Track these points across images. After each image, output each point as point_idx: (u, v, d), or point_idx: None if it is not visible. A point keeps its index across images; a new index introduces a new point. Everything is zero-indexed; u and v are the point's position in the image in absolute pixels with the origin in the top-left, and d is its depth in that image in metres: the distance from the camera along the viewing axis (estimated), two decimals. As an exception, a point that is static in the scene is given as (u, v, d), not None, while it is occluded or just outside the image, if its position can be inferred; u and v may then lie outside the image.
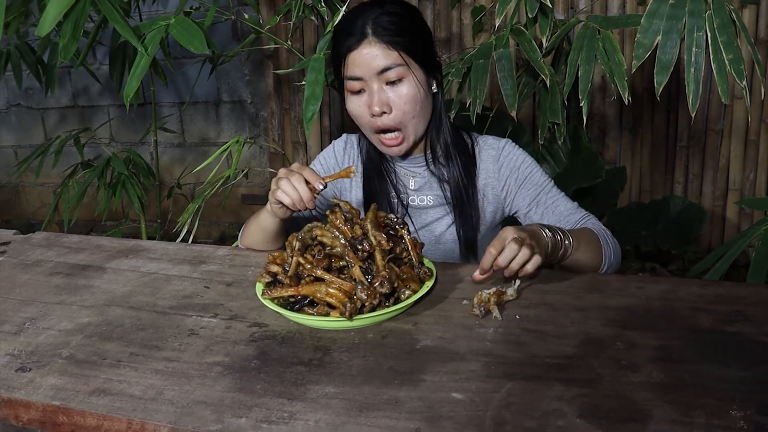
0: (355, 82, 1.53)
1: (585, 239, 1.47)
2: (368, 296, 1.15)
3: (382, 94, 1.52)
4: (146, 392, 1.02)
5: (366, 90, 1.53)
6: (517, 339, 1.12)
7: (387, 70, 1.50)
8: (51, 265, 1.54)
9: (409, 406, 0.95)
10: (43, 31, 1.96)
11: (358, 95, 1.55)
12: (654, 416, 0.90)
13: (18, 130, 4.64)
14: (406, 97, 1.52)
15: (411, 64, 1.52)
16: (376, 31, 1.49)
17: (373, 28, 1.49)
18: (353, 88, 1.54)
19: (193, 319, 1.25)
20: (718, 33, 1.70)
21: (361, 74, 1.51)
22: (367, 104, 1.53)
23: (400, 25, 1.51)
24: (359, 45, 1.50)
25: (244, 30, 3.97)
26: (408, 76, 1.52)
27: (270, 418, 0.94)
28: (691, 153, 3.65)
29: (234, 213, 4.46)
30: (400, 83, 1.51)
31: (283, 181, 1.39)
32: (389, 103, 1.52)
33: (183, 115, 4.34)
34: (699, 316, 1.16)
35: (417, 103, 1.54)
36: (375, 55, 1.49)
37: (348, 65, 1.53)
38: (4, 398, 1.04)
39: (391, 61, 1.50)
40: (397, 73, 1.50)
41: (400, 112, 1.53)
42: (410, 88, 1.52)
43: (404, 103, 1.52)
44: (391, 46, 1.49)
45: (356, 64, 1.51)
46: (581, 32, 2.01)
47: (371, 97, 1.52)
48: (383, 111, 1.52)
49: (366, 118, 1.55)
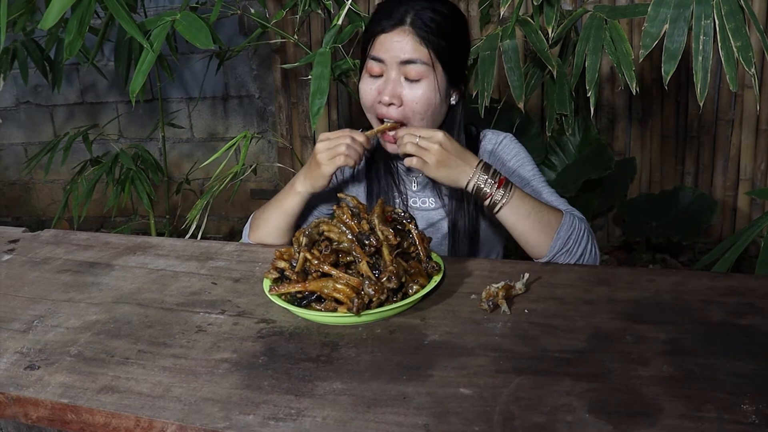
0: (375, 64, 1.51)
1: (536, 207, 1.44)
2: (376, 291, 1.14)
3: (398, 86, 1.50)
4: (154, 389, 1.02)
5: (384, 76, 1.51)
6: (526, 333, 1.11)
7: (410, 63, 1.48)
8: (59, 263, 1.54)
9: (417, 402, 0.95)
10: (47, 25, 1.96)
11: (374, 78, 1.53)
12: (664, 410, 0.89)
13: (27, 127, 4.65)
14: (420, 98, 1.50)
15: (437, 66, 1.49)
16: (415, 23, 1.47)
17: (412, 19, 1.47)
18: (372, 69, 1.52)
19: (201, 315, 1.25)
20: (726, 20, 1.68)
21: (384, 58, 1.49)
22: (379, 90, 1.51)
23: (441, 26, 1.49)
24: (393, 29, 1.48)
25: (251, 24, 3.96)
26: (429, 77, 1.49)
27: (278, 414, 0.94)
28: (701, 143, 3.62)
29: (243, 208, 4.46)
30: (418, 82, 1.49)
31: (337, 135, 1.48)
32: (401, 97, 1.50)
33: (191, 110, 4.34)
34: (709, 309, 1.15)
35: (429, 107, 1.51)
36: (405, 44, 1.47)
37: (375, 45, 1.51)
38: (14, 396, 1.05)
39: (418, 56, 1.47)
40: (419, 72, 1.48)
41: (410, 109, 1.51)
42: (427, 90, 1.50)
43: (416, 103, 1.50)
44: (423, 41, 1.47)
45: (384, 46, 1.49)
46: (588, 22, 2.00)
47: (386, 84, 1.50)
48: (392, 102, 1.50)
49: (372, 101, 1.54)
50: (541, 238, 1.43)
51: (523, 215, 1.42)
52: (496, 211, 1.43)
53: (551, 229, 1.43)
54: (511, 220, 1.43)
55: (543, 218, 1.43)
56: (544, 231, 1.42)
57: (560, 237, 1.42)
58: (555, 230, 1.43)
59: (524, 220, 1.42)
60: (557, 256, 1.42)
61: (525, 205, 1.43)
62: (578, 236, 1.44)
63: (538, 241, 1.43)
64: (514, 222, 1.43)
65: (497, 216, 1.44)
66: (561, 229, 1.43)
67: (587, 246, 1.45)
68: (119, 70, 2.88)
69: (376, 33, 1.51)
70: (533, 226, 1.42)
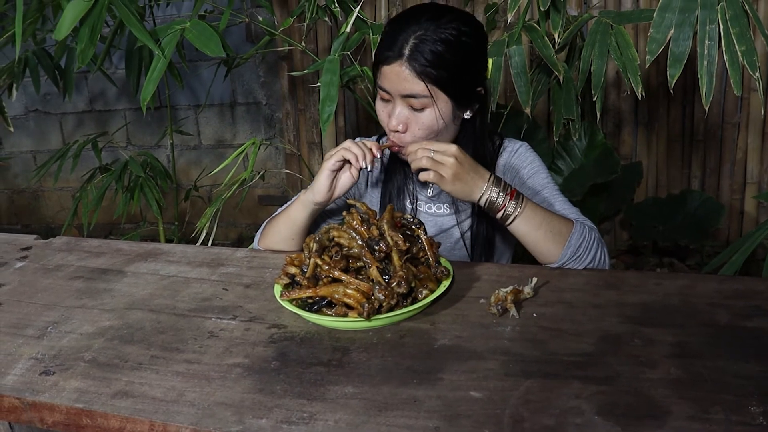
0: (383, 92, 1.53)
1: (547, 218, 1.45)
2: (386, 296, 1.16)
3: (402, 114, 1.51)
4: (168, 394, 1.04)
5: (391, 102, 1.52)
6: (535, 337, 1.12)
7: (411, 97, 1.48)
8: (72, 270, 1.56)
9: (427, 405, 0.96)
10: (61, 35, 1.98)
11: (385, 102, 1.54)
12: (672, 412, 0.90)
13: (36, 135, 4.68)
14: (423, 125, 1.51)
15: (438, 96, 1.48)
16: (412, 57, 1.45)
17: (410, 52, 1.45)
18: (382, 96, 1.54)
19: (213, 321, 1.26)
20: (730, 25, 1.69)
21: (388, 89, 1.50)
22: (388, 114, 1.53)
23: (442, 57, 1.45)
24: (393, 63, 1.47)
25: (258, 32, 3.98)
26: (430, 107, 1.49)
27: (290, 418, 0.95)
28: (707, 147, 3.62)
29: (251, 214, 4.48)
30: (422, 111, 1.50)
31: (347, 142, 1.51)
32: (406, 123, 1.51)
33: (198, 117, 4.36)
34: (717, 312, 1.16)
35: (432, 133, 1.52)
36: (403, 78, 1.47)
37: (379, 75, 1.52)
38: (29, 401, 1.06)
39: (417, 90, 1.47)
40: (421, 103, 1.48)
41: (411, 135, 1.52)
42: (429, 119, 1.50)
43: (419, 129, 1.51)
44: (420, 76, 1.46)
45: (386, 78, 1.50)
46: (594, 27, 2.01)
47: (393, 111, 1.52)
48: (397, 129, 1.52)
49: (384, 122, 1.56)
50: (552, 247, 1.43)
51: (535, 226, 1.43)
52: (509, 223, 1.44)
53: (562, 238, 1.43)
54: (523, 231, 1.44)
55: (554, 228, 1.44)
56: (554, 240, 1.43)
57: (570, 245, 1.43)
58: (566, 239, 1.43)
59: (536, 231, 1.43)
60: (567, 263, 1.43)
61: (536, 216, 1.43)
62: (588, 245, 1.44)
63: (549, 250, 1.44)
64: (525, 232, 1.44)
65: (509, 228, 1.45)
66: (572, 238, 1.43)
67: (596, 254, 1.46)
68: (130, 79, 2.90)
69: (380, 63, 1.51)
70: (545, 236, 1.43)
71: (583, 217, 1.55)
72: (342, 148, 1.51)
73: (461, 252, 1.69)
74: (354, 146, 1.50)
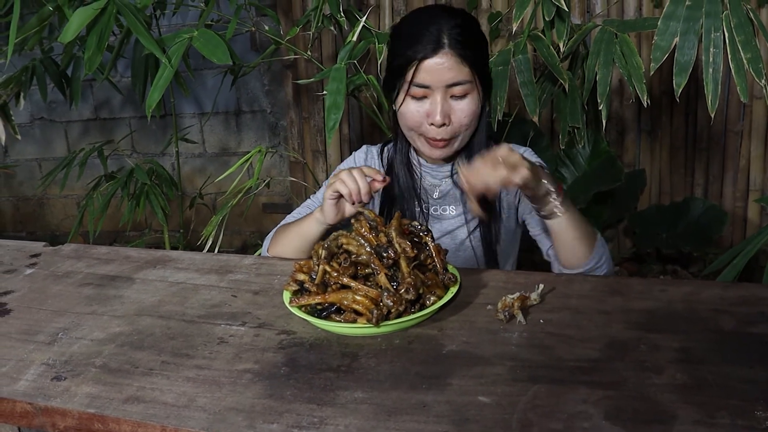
0: (420, 89, 1.52)
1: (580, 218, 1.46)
2: (394, 303, 1.16)
3: (446, 106, 1.52)
4: (179, 399, 1.05)
5: (428, 98, 1.53)
6: (542, 343, 1.13)
7: (456, 84, 1.50)
8: (81, 276, 1.57)
9: (436, 410, 0.97)
10: (67, 39, 2.00)
11: (419, 101, 1.54)
12: (678, 417, 0.91)
13: (41, 143, 4.70)
14: (467, 112, 1.53)
15: (475, 80, 1.52)
16: (452, 44, 1.49)
17: (448, 40, 1.49)
18: (416, 94, 1.53)
19: (222, 327, 1.27)
20: (735, 33, 1.70)
21: (430, 83, 1.51)
22: (427, 113, 1.53)
23: (471, 40, 1.52)
24: (435, 54, 1.49)
25: (263, 41, 4.00)
26: (473, 92, 1.53)
27: (300, 423, 0.96)
28: (710, 154, 3.64)
29: (255, 222, 4.49)
30: (464, 98, 1.52)
31: (343, 173, 1.45)
32: (450, 115, 1.52)
33: (203, 125, 4.38)
34: (721, 318, 1.17)
35: (475, 119, 1.55)
36: (448, 67, 1.49)
37: (418, 71, 1.51)
38: (41, 406, 1.07)
39: (462, 76, 1.50)
40: (464, 89, 1.51)
41: (459, 125, 1.54)
42: (472, 104, 1.53)
43: (464, 117, 1.53)
44: (464, 60, 1.49)
45: (428, 72, 1.50)
46: (599, 36, 2.02)
47: (434, 107, 1.52)
48: (443, 123, 1.52)
49: (418, 123, 1.55)
50: (585, 249, 1.46)
51: (575, 224, 1.44)
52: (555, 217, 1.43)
53: (592, 241, 1.46)
54: (564, 227, 1.44)
55: (587, 229, 1.46)
56: (587, 241, 1.46)
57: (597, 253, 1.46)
58: (594, 242, 1.46)
59: (575, 229, 1.44)
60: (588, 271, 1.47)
61: (576, 214, 1.44)
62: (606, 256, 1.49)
63: (582, 251, 1.46)
64: (566, 229, 1.44)
65: (552, 223, 1.44)
66: (597, 246, 1.47)
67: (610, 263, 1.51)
68: (136, 87, 2.92)
69: (417, 59, 1.50)
70: (581, 236, 1.45)
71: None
72: (338, 180, 1.46)
73: (466, 253, 1.69)
74: (349, 179, 1.45)
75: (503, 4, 3.61)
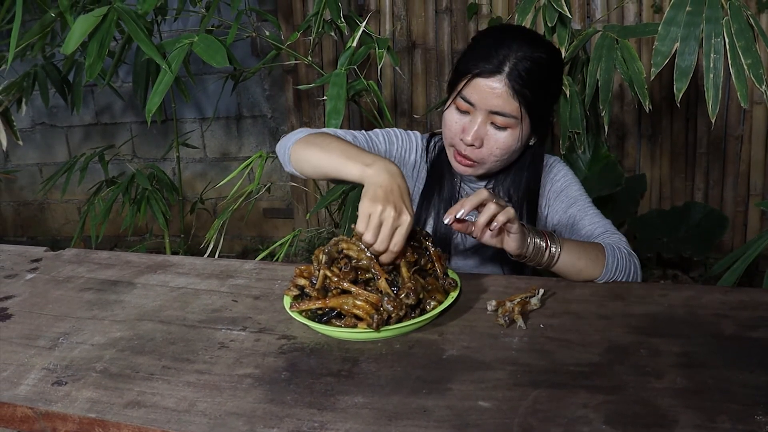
0: (465, 103, 1.49)
1: (582, 248, 1.43)
2: (395, 308, 1.17)
3: (482, 130, 1.49)
4: (179, 404, 1.05)
5: (470, 114, 1.50)
6: (542, 347, 1.13)
7: (499, 114, 1.47)
8: (82, 281, 1.57)
9: (437, 415, 0.97)
10: (69, 49, 2.00)
11: (461, 114, 1.51)
12: (679, 422, 0.91)
13: (42, 148, 4.71)
14: (502, 144, 1.49)
15: (524, 118, 1.48)
16: (512, 74, 1.44)
17: (510, 69, 1.44)
18: (461, 106, 1.50)
19: (223, 332, 1.27)
20: (736, 38, 1.71)
21: (475, 101, 1.47)
22: (463, 128, 1.50)
23: (537, 78, 1.46)
24: (490, 77, 1.45)
25: (264, 46, 4.01)
26: (515, 128, 1.48)
27: (301, 428, 0.96)
28: (711, 159, 3.64)
29: (256, 227, 4.49)
30: (503, 130, 1.48)
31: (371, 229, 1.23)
32: (483, 139, 1.50)
33: (204, 130, 4.38)
34: (722, 322, 1.17)
35: (507, 153, 1.51)
36: (498, 95, 1.45)
37: (469, 86, 1.48)
38: (42, 411, 1.07)
39: (509, 109, 1.45)
40: (507, 122, 1.47)
41: (488, 152, 1.51)
42: (510, 139, 1.49)
43: (496, 148, 1.50)
44: (516, 95, 1.44)
45: (477, 90, 1.47)
46: (599, 42, 2.03)
47: (471, 125, 1.49)
48: (473, 144, 1.49)
49: (454, 135, 1.53)
50: (593, 272, 1.42)
51: (575, 257, 1.40)
52: (554, 263, 1.40)
53: (600, 263, 1.41)
54: (567, 265, 1.40)
55: (590, 254, 1.42)
56: (594, 266, 1.41)
57: (608, 271, 1.42)
58: (603, 262, 1.41)
59: (577, 261, 1.40)
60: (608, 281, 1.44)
61: (573, 247, 1.41)
62: (623, 265, 1.44)
63: (590, 275, 1.42)
64: (568, 266, 1.40)
65: (554, 268, 1.41)
66: (608, 262, 1.41)
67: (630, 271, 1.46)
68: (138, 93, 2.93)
69: (473, 73, 1.47)
70: (586, 265, 1.41)
71: (612, 230, 1.55)
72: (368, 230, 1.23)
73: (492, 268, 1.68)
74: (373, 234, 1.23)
75: (504, 10, 3.62)
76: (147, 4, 2.16)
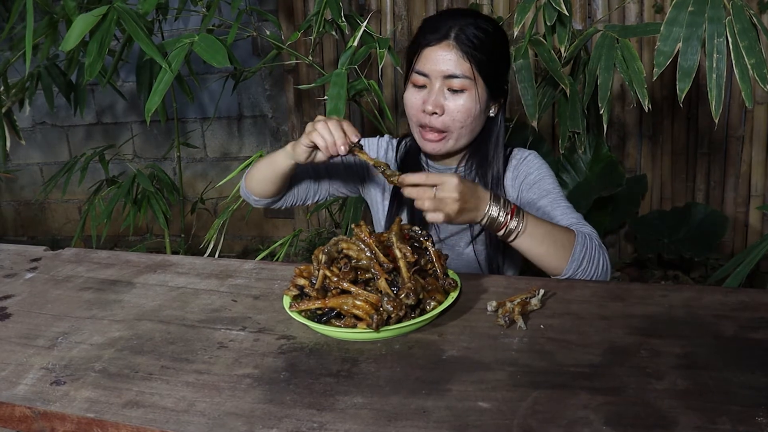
0: (420, 76, 1.58)
1: (550, 230, 1.45)
2: (394, 308, 1.16)
3: (440, 97, 1.56)
4: (178, 404, 1.04)
5: (427, 87, 1.57)
6: (542, 348, 1.13)
7: (453, 77, 1.54)
8: (81, 281, 1.57)
9: (436, 416, 0.96)
10: (68, 47, 2.00)
11: (419, 89, 1.59)
12: (679, 423, 0.90)
13: (43, 148, 4.71)
14: (462, 107, 1.56)
15: (478, 80, 1.55)
16: (458, 38, 1.54)
17: (456, 34, 1.54)
18: (417, 81, 1.59)
19: (222, 332, 1.27)
20: (739, 38, 1.70)
21: (428, 71, 1.56)
22: (423, 100, 1.57)
23: (483, 42, 1.55)
24: (437, 44, 1.55)
25: (264, 46, 4.01)
26: (471, 90, 1.55)
27: (300, 428, 0.96)
28: (712, 160, 3.63)
29: (257, 227, 4.49)
30: (461, 93, 1.55)
31: (320, 124, 1.44)
32: (443, 107, 1.56)
33: (205, 130, 4.38)
34: (723, 323, 1.16)
35: (469, 116, 1.57)
36: (448, 59, 1.54)
37: (420, 59, 1.57)
38: (40, 411, 1.07)
39: (461, 71, 1.54)
40: (461, 84, 1.54)
41: (450, 118, 1.56)
42: (468, 101, 1.56)
43: (457, 112, 1.56)
44: (466, 56, 1.53)
45: (428, 60, 1.56)
46: (600, 41, 2.02)
47: (429, 95, 1.56)
48: (435, 112, 1.56)
49: (416, 111, 1.59)
50: (556, 261, 1.45)
51: (538, 241, 1.43)
52: (512, 240, 1.43)
53: (566, 251, 1.44)
54: (527, 246, 1.44)
55: (557, 240, 1.44)
56: (559, 253, 1.44)
57: (575, 260, 1.44)
58: (570, 251, 1.44)
59: (539, 245, 1.44)
60: (574, 276, 1.44)
61: (538, 230, 1.43)
62: (591, 255, 1.46)
63: (554, 264, 1.45)
64: (529, 247, 1.44)
65: (513, 244, 1.45)
66: (575, 251, 1.44)
67: (599, 263, 1.47)
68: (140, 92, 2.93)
69: (422, 46, 1.57)
70: (547, 251, 1.44)
71: (583, 222, 1.56)
72: (314, 132, 1.45)
73: (468, 257, 1.69)
74: (325, 131, 1.44)
75: (504, 9, 3.62)
76: (148, 3, 2.15)
